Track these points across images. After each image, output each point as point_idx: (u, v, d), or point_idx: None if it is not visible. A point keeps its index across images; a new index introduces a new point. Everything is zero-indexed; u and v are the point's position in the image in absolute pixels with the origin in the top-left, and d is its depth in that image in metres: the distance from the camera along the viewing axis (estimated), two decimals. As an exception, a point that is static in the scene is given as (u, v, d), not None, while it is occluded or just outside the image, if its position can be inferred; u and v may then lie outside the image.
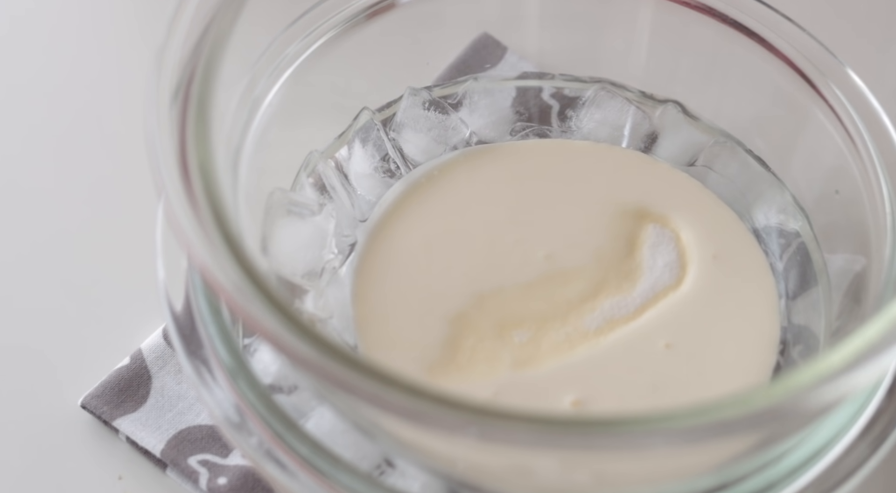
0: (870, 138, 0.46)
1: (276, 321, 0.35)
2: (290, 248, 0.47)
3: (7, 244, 0.53)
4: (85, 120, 0.57)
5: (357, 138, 0.50)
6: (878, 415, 0.39)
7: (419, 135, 0.51)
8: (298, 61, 0.48)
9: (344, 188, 0.49)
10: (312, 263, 0.47)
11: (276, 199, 0.47)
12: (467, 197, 0.49)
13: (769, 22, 0.49)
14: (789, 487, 0.38)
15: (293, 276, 0.46)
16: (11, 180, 0.55)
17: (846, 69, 0.47)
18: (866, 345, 0.35)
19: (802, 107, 0.48)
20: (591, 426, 0.34)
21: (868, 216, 0.46)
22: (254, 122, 0.46)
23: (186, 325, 0.41)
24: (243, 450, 0.39)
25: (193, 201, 0.37)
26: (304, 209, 0.47)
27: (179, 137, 0.38)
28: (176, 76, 0.39)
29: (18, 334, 0.51)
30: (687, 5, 0.50)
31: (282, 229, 0.47)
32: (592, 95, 0.52)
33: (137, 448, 0.48)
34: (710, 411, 0.34)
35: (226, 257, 0.36)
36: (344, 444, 0.40)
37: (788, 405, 0.34)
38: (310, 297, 0.46)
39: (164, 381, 0.49)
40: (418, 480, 0.40)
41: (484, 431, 0.33)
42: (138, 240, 0.47)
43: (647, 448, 0.34)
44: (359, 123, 0.50)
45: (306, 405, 0.41)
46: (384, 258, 0.48)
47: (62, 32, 0.60)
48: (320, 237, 0.48)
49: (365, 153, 0.50)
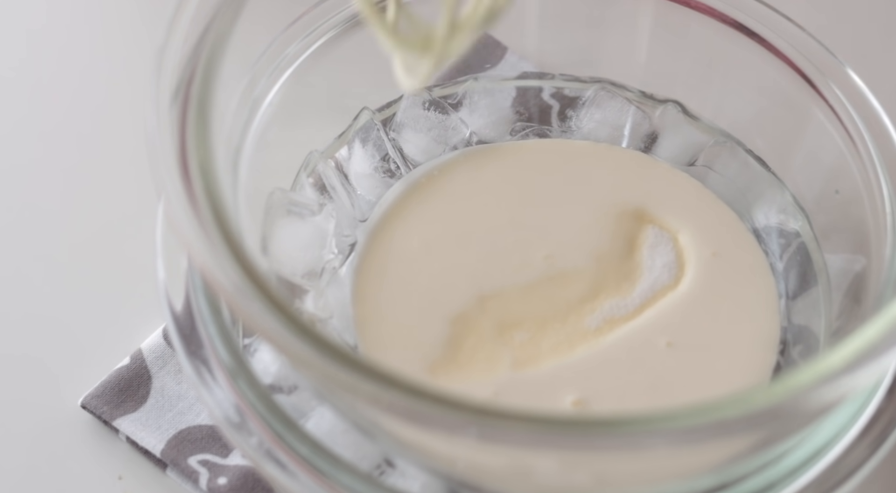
0: (870, 138, 0.46)
1: (276, 321, 0.35)
2: (290, 248, 0.47)
3: (7, 244, 0.53)
4: (84, 121, 0.57)
5: (357, 138, 0.50)
6: (878, 415, 0.39)
7: (419, 135, 0.51)
8: (298, 61, 0.48)
9: (344, 188, 0.49)
10: (312, 263, 0.47)
11: (276, 199, 0.47)
12: (467, 197, 0.49)
13: (769, 22, 0.49)
14: (789, 487, 0.38)
15: (293, 276, 0.46)
16: (12, 180, 0.55)
17: (846, 69, 0.47)
18: (866, 345, 0.35)
19: (802, 107, 0.48)
20: (591, 426, 0.34)
21: (868, 216, 0.46)
22: (254, 122, 0.46)
23: (186, 325, 0.41)
24: (243, 450, 0.39)
25: (193, 201, 0.37)
26: (304, 209, 0.47)
27: (179, 137, 0.38)
28: (176, 76, 0.39)
29: (18, 334, 0.51)
30: (687, 5, 0.50)
31: (282, 229, 0.47)
32: (592, 94, 0.52)
33: (137, 448, 0.48)
34: (710, 410, 0.34)
35: (226, 256, 0.36)
36: (344, 444, 0.40)
37: (788, 405, 0.34)
38: (310, 297, 0.46)
39: (164, 381, 0.49)
40: (418, 480, 0.40)
41: (484, 431, 0.33)
42: (138, 240, 0.47)
43: (648, 448, 0.34)
44: (359, 123, 0.50)
45: (306, 405, 0.41)
46: (384, 258, 0.48)
47: (72, 41, 0.60)
48: (320, 237, 0.48)
49: (365, 153, 0.50)
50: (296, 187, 0.48)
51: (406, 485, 0.40)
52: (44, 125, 0.57)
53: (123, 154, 0.55)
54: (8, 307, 0.52)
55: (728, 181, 0.50)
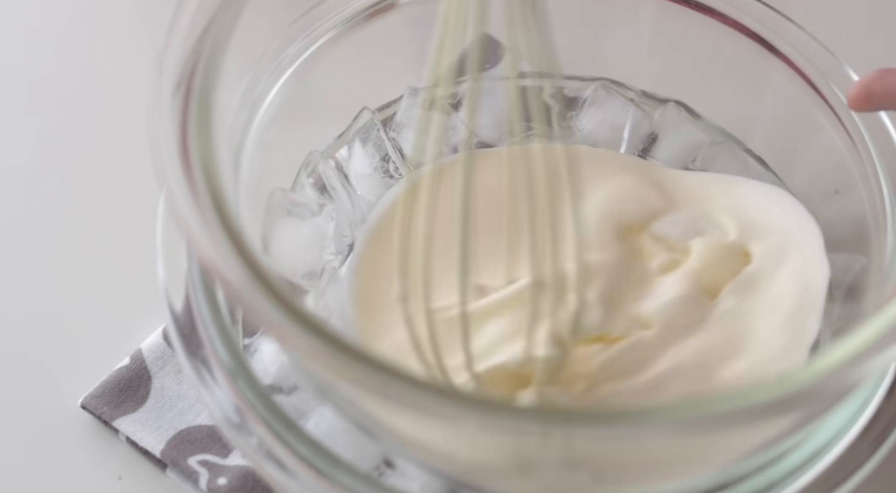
0: (870, 138, 0.46)
1: (279, 313, 0.35)
2: (291, 248, 0.47)
3: (8, 245, 0.53)
4: (84, 121, 0.57)
5: (357, 138, 0.50)
6: (878, 415, 0.39)
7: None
8: (298, 61, 0.48)
9: (344, 188, 0.49)
10: (313, 263, 0.47)
11: (277, 199, 0.47)
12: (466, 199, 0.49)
13: (769, 22, 0.49)
14: (789, 487, 0.38)
15: (293, 276, 0.46)
16: (11, 181, 0.55)
17: (846, 69, 0.47)
18: (863, 345, 0.35)
19: (803, 107, 0.48)
20: (593, 417, 0.34)
21: (868, 216, 0.46)
22: (254, 121, 0.46)
23: (186, 325, 0.41)
24: (243, 450, 0.39)
25: (196, 194, 0.37)
26: (305, 210, 0.47)
27: (181, 133, 0.38)
28: (177, 76, 0.39)
29: (18, 335, 0.51)
30: (687, 5, 0.50)
31: (282, 229, 0.47)
32: (592, 93, 0.52)
33: (137, 448, 0.48)
34: (708, 404, 0.34)
35: (228, 248, 0.36)
36: (344, 444, 0.40)
37: (789, 401, 0.34)
38: (310, 298, 0.46)
39: (164, 381, 0.49)
40: (418, 480, 0.40)
41: (484, 420, 0.33)
42: (138, 240, 0.47)
43: (645, 440, 0.34)
44: (359, 122, 0.50)
45: (306, 406, 0.41)
46: (383, 259, 0.47)
47: (70, 41, 0.60)
48: (320, 238, 0.48)
49: (365, 153, 0.50)
50: (296, 187, 0.48)
51: (406, 485, 0.40)
52: (43, 126, 0.57)
53: (123, 155, 0.55)
54: (7, 308, 0.52)
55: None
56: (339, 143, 0.50)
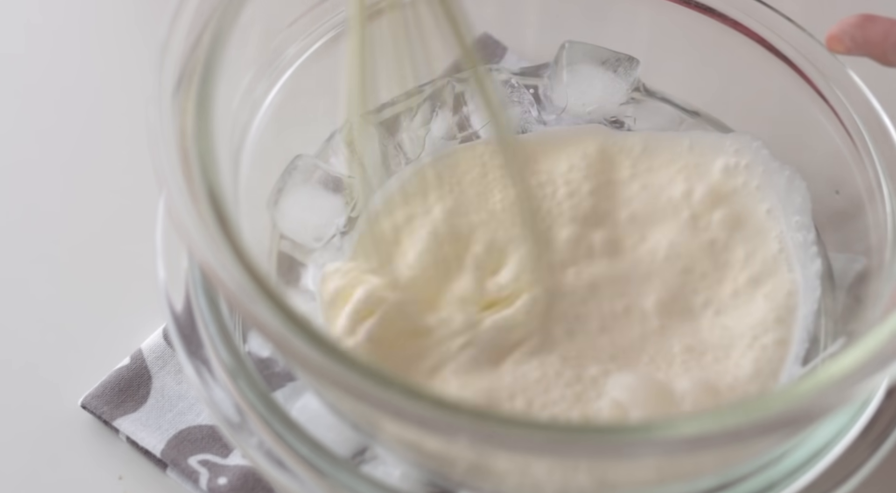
0: (870, 138, 0.46)
1: (274, 318, 0.35)
2: (302, 214, 0.47)
3: (8, 245, 0.53)
4: (82, 121, 0.57)
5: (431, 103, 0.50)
6: (878, 415, 0.39)
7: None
8: (299, 61, 0.48)
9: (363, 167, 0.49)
10: (320, 231, 0.47)
11: (304, 164, 0.47)
12: (472, 195, 0.49)
13: (769, 22, 0.49)
14: (789, 487, 0.39)
15: (296, 235, 0.47)
16: (11, 181, 0.55)
17: (846, 69, 0.47)
18: (863, 358, 0.35)
19: (802, 107, 0.48)
20: (591, 433, 0.34)
21: (868, 216, 0.46)
22: (254, 122, 0.46)
23: (186, 325, 0.41)
24: (243, 450, 0.39)
25: (194, 196, 0.37)
26: (330, 182, 0.47)
27: (180, 132, 0.38)
28: (177, 76, 0.39)
29: (18, 335, 0.51)
30: (687, 5, 0.50)
31: (298, 194, 0.47)
32: (556, 56, 0.51)
33: (137, 448, 0.48)
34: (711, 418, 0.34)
35: (226, 251, 0.36)
36: (326, 425, 0.40)
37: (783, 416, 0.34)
38: (308, 273, 0.46)
39: (165, 381, 0.49)
40: (419, 481, 0.40)
41: (478, 436, 0.33)
42: (138, 240, 0.47)
43: (644, 457, 0.34)
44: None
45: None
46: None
47: (68, 40, 0.60)
48: (335, 214, 0.48)
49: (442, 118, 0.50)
50: (324, 157, 0.48)
51: (406, 485, 0.40)
52: (41, 125, 0.57)
53: (122, 155, 0.55)
54: (7, 308, 0.52)
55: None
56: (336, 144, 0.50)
